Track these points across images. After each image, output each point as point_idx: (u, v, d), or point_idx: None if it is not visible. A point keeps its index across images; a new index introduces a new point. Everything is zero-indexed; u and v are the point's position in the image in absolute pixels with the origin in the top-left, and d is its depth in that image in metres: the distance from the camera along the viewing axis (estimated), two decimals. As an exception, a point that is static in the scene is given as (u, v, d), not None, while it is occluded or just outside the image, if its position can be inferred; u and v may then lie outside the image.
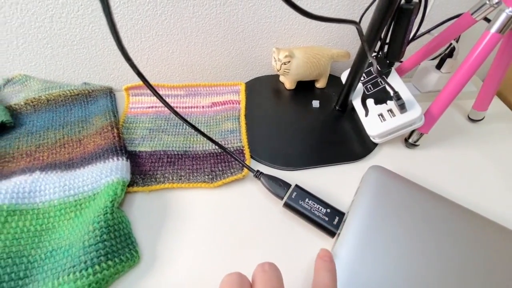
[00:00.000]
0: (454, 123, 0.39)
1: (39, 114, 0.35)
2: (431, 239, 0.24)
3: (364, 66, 0.32)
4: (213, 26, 0.37)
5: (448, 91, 0.29)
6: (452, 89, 0.29)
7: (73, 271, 0.21)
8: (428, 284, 0.22)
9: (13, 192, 0.25)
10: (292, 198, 0.27)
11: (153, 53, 0.38)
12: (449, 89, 0.29)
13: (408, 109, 0.30)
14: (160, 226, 0.27)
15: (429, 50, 0.34)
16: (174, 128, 0.35)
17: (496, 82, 0.33)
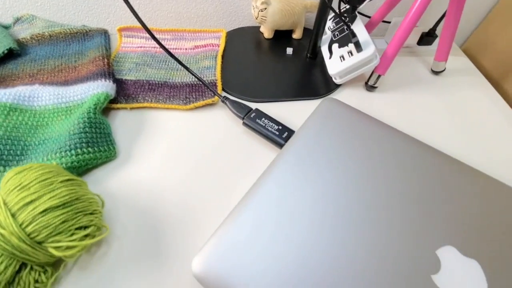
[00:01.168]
0: (417, 75, 0.41)
1: (42, 47, 0.40)
2: (378, 168, 0.26)
3: (327, 12, 0.35)
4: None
5: (399, 35, 0.32)
6: (402, 31, 0.32)
7: (59, 151, 0.26)
8: (366, 211, 0.25)
9: (15, 95, 0.30)
10: (250, 118, 0.31)
11: (145, 0, 0.42)
12: (399, 32, 0.32)
13: (364, 48, 0.33)
14: (137, 136, 0.32)
15: (391, 3, 0.37)
16: (158, 63, 0.39)
17: (452, 32, 0.35)
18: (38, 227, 0.19)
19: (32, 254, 0.19)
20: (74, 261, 0.23)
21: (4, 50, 0.37)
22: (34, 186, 0.20)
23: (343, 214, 0.23)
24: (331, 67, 0.36)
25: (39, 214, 0.19)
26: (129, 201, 0.26)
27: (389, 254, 0.22)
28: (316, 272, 0.20)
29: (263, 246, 0.21)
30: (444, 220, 0.23)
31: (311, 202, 0.24)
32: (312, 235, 0.22)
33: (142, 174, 0.28)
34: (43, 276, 0.20)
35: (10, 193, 0.20)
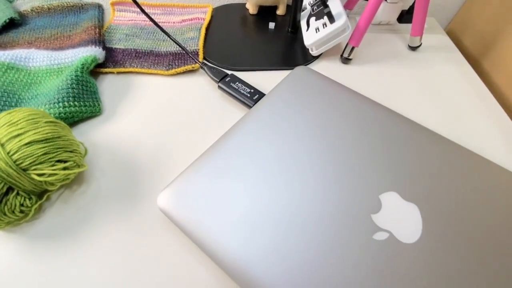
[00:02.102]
0: (395, 50, 0.43)
1: (41, 18, 0.43)
2: (336, 125, 0.28)
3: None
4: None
5: (368, 8, 0.34)
6: (372, 3, 0.34)
7: (48, 103, 0.29)
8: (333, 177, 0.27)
9: (13, 55, 0.33)
10: (225, 81, 0.34)
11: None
12: (369, 5, 0.34)
13: (336, 19, 0.35)
14: (122, 97, 0.34)
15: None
16: (146, 35, 0.42)
17: (423, 5, 0.36)
18: (22, 155, 0.22)
19: (17, 179, 0.22)
20: (57, 196, 0.26)
21: (6, 19, 0.40)
22: (21, 123, 0.23)
23: (299, 162, 0.26)
24: (307, 38, 0.38)
25: (24, 145, 0.22)
26: (109, 150, 0.29)
27: (336, 195, 0.24)
28: (270, 214, 0.23)
29: (221, 187, 0.24)
30: (390, 169, 0.26)
31: (270, 152, 0.26)
32: (268, 180, 0.24)
33: (124, 129, 0.31)
34: (27, 201, 0.23)
35: (1, 128, 0.23)
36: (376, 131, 0.28)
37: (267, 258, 0.21)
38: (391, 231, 0.22)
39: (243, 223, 0.22)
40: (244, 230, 0.22)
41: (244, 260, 0.21)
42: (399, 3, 0.43)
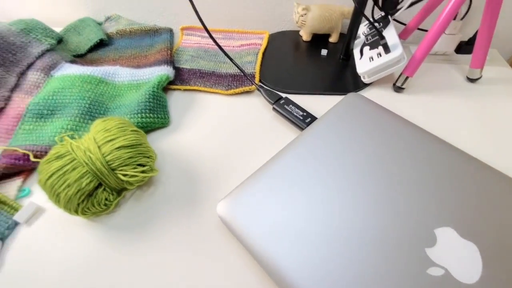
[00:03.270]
0: (451, 81, 0.42)
1: (123, 39, 0.50)
2: (390, 154, 0.28)
3: (360, 18, 0.38)
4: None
5: (427, 38, 0.34)
6: (430, 37, 0.34)
7: (130, 113, 0.34)
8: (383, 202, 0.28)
9: (103, 71, 0.40)
10: (279, 104, 0.36)
11: (202, 4, 0.51)
12: (427, 37, 0.34)
13: (391, 50, 0.36)
14: (187, 111, 0.39)
15: (426, 11, 0.39)
16: (209, 57, 0.47)
17: (486, 38, 0.36)
18: (113, 157, 0.26)
19: (107, 177, 0.26)
20: (131, 195, 0.30)
21: (97, 40, 0.47)
22: (113, 130, 0.28)
23: (352, 186, 0.27)
24: (360, 66, 0.39)
25: (115, 149, 0.26)
26: (174, 158, 0.33)
27: (390, 223, 0.24)
28: (323, 236, 0.24)
29: (276, 201, 0.26)
30: (446, 204, 0.25)
31: (325, 174, 0.28)
32: (322, 202, 0.26)
33: (187, 140, 0.35)
34: (111, 197, 0.27)
35: (98, 133, 0.27)
36: (431, 163, 0.28)
37: (314, 277, 0.22)
38: (447, 268, 0.22)
39: (296, 240, 0.23)
40: (297, 246, 0.23)
41: (293, 274, 0.22)
42: (457, 34, 0.42)
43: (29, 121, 0.33)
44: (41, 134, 0.32)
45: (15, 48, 0.38)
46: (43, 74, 0.38)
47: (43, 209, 0.29)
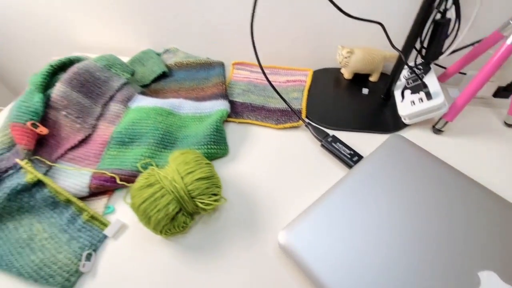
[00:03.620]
0: (489, 125, 0.44)
1: (181, 71, 0.57)
2: (433, 197, 0.31)
3: (402, 64, 0.42)
4: (298, 27, 0.52)
5: (470, 88, 0.38)
6: (473, 86, 0.37)
7: (197, 144, 0.39)
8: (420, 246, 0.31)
9: (171, 104, 0.46)
10: (328, 141, 0.40)
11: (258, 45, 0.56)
12: (471, 86, 0.37)
13: (433, 98, 0.39)
14: (241, 142, 0.43)
15: (467, 60, 0.42)
16: (258, 91, 0.52)
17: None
18: (194, 188, 0.31)
19: (188, 203, 0.31)
20: (199, 218, 0.35)
21: (160, 72, 0.54)
22: (192, 163, 0.33)
23: (398, 229, 0.30)
24: (402, 109, 0.43)
25: (195, 180, 0.31)
26: (234, 186, 0.38)
27: (436, 265, 0.27)
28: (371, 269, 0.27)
29: (332, 233, 0.29)
30: (489, 248, 0.28)
31: (373, 212, 0.31)
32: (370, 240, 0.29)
33: (243, 169, 0.40)
34: (188, 220, 0.32)
35: (179, 165, 0.33)
36: (472, 207, 0.31)
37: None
38: (492, 310, 0.24)
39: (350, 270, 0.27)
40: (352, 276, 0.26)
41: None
42: (495, 81, 0.45)
43: (113, 147, 0.39)
44: (124, 159, 0.38)
45: (100, 82, 0.44)
46: (122, 106, 0.44)
47: (126, 226, 0.35)
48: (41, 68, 0.42)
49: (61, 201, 0.35)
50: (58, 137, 0.39)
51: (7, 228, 0.34)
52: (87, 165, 0.38)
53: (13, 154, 0.37)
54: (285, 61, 0.58)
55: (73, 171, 0.37)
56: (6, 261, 0.31)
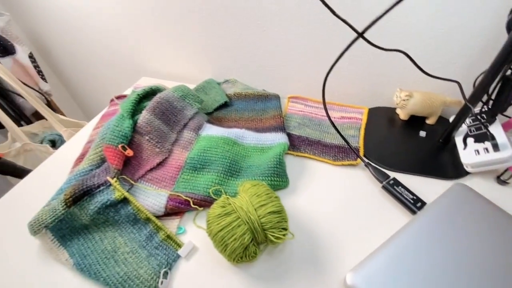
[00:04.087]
0: (560, 180, 0.43)
1: (240, 101, 0.61)
2: (497, 250, 0.32)
3: (468, 113, 0.43)
4: (357, 66, 0.55)
5: (543, 143, 0.37)
6: (547, 142, 0.37)
7: (261, 175, 0.42)
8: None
9: (235, 134, 0.49)
10: (389, 183, 0.41)
11: (307, 76, 0.60)
12: (544, 141, 0.37)
13: (501, 150, 0.39)
14: (299, 175, 0.46)
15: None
16: (314, 126, 0.54)
17: None
18: (266, 220, 0.33)
19: (259, 235, 0.33)
20: (264, 248, 0.37)
21: (222, 101, 0.59)
22: (263, 196, 0.35)
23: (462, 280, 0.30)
24: (465, 157, 0.43)
25: (267, 213, 0.34)
26: (295, 218, 0.39)
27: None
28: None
29: (399, 278, 0.30)
30: None
31: (436, 261, 0.31)
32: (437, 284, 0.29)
33: (303, 203, 0.41)
34: (257, 251, 0.34)
35: (252, 197, 0.35)
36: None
37: None
38: None
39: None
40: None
41: None
42: None
43: (187, 172, 0.43)
44: (196, 184, 0.42)
45: (177, 111, 0.49)
46: (194, 133, 0.49)
47: (197, 248, 0.37)
48: (130, 97, 0.48)
49: (141, 218, 0.39)
50: (140, 159, 0.44)
51: (93, 238, 0.38)
52: (164, 187, 0.42)
53: (102, 171, 0.42)
54: (339, 96, 0.61)
55: (152, 191, 0.41)
56: (95, 270, 0.35)
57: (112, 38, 0.74)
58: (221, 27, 0.59)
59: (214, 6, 0.56)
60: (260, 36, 0.58)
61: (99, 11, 0.69)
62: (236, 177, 0.43)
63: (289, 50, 0.58)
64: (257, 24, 0.56)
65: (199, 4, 0.57)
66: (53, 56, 0.91)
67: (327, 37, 0.53)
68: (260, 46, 0.59)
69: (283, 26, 0.54)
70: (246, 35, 0.58)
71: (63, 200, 0.38)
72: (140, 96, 0.48)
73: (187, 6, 0.58)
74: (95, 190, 0.39)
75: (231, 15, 0.56)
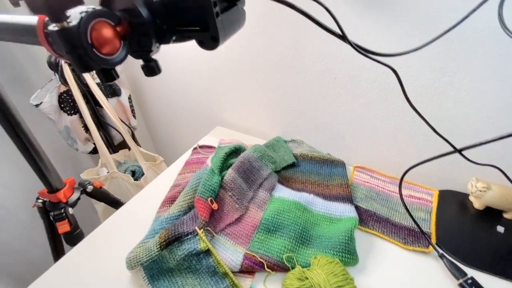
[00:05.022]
0: None
1: (306, 163, 0.65)
2: None
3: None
4: (432, 146, 0.56)
5: None
6: None
7: (332, 250, 0.44)
8: None
9: (305, 199, 0.53)
10: (467, 283, 0.40)
11: (376, 150, 0.62)
12: None
13: None
14: (367, 252, 0.46)
15: None
16: (381, 201, 0.55)
17: None
18: (343, 303, 0.35)
19: (336, 317, 0.34)
20: (334, 328, 0.37)
21: (290, 162, 0.64)
22: (340, 276, 0.37)
23: None
24: (556, 268, 0.40)
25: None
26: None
27: None
28: None
29: None
30: None
31: None
32: None
33: (371, 284, 0.42)
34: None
35: (329, 275, 0.37)
36: None
37: None
38: None
39: None
40: None
41: None
42: None
43: (261, 232, 0.47)
44: (270, 246, 0.45)
45: (255, 170, 0.55)
46: (268, 194, 0.53)
47: (268, 312, 0.40)
48: (218, 153, 0.56)
49: (220, 272, 0.43)
50: (221, 212, 0.50)
51: (176, 283, 0.43)
52: (240, 243, 0.46)
53: (190, 218, 0.48)
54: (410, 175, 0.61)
55: (230, 246, 0.46)
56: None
57: (194, 88, 0.86)
58: (298, 93, 0.66)
59: (293, 73, 0.64)
60: (333, 107, 0.63)
61: (187, 67, 0.82)
62: (306, 246, 0.46)
63: (362, 123, 0.61)
64: (333, 100, 0.61)
65: (280, 68, 0.65)
66: (144, 97, 1.07)
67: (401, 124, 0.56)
68: (332, 115, 0.64)
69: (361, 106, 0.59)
70: (322, 105, 0.64)
71: (158, 243, 0.44)
72: (227, 154, 0.56)
73: (269, 69, 0.67)
74: (184, 237, 0.45)
75: (310, 83, 0.63)
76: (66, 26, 0.20)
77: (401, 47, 0.40)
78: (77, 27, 0.20)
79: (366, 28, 0.49)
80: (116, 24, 0.23)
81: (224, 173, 0.53)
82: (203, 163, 0.63)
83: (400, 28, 0.47)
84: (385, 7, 0.46)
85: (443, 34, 0.38)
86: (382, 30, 0.48)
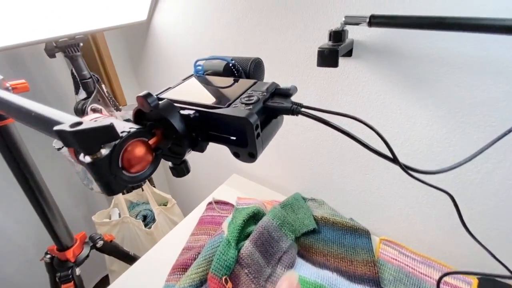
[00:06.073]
0: None
1: (328, 229, 0.61)
2: None
3: None
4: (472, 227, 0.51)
5: None
6: None
7: None
8: None
9: (328, 281, 0.48)
10: None
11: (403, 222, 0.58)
12: None
13: None
14: None
15: None
16: (411, 285, 0.50)
17: None
18: None
19: None
20: None
21: (311, 228, 0.59)
22: None
23: None
24: None
25: None
26: None
27: None
28: None
29: None
30: None
31: None
32: None
33: None
34: None
35: None
36: None
37: None
38: None
39: None
40: None
41: None
42: None
43: (280, 322, 0.43)
44: None
45: (274, 242, 0.52)
46: (287, 271, 0.49)
47: None
48: (236, 220, 0.53)
49: None
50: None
51: None
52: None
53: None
54: (439, 251, 0.56)
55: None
56: None
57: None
58: (322, 153, 0.63)
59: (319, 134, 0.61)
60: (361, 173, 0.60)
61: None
62: None
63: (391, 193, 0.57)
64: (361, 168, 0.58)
65: (307, 129, 0.63)
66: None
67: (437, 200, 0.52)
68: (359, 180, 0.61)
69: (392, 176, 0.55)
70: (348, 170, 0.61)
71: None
72: (244, 221, 0.52)
73: (296, 129, 0.65)
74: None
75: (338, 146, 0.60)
76: (97, 157, 0.18)
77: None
78: (109, 156, 0.19)
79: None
80: (149, 138, 0.22)
81: (241, 244, 0.49)
82: (218, 223, 0.60)
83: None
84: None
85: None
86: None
